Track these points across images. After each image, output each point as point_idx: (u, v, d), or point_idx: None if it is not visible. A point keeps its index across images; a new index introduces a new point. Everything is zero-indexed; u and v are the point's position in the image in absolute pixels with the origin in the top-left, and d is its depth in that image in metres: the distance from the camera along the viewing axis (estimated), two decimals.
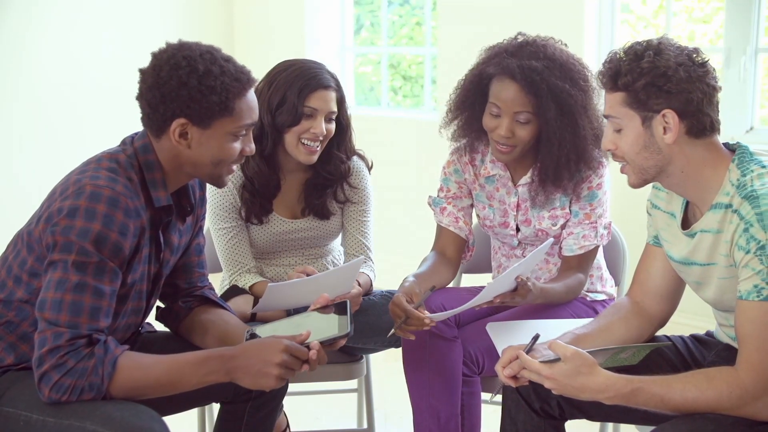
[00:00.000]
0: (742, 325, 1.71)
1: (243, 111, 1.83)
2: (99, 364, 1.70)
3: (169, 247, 1.95)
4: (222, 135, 1.83)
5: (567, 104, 2.24)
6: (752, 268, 1.69)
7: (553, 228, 2.37)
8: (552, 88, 2.22)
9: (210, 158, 1.84)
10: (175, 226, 1.95)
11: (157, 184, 1.84)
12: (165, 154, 1.85)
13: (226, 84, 1.79)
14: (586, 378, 1.70)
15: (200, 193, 2.05)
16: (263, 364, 1.73)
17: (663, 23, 4.14)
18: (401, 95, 5.69)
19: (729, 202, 1.75)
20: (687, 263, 1.88)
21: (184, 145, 1.82)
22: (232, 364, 1.75)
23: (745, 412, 1.68)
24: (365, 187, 2.60)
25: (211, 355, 1.77)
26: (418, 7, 5.40)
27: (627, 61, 1.77)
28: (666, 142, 1.77)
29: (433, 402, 2.25)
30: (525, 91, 2.23)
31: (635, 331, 1.99)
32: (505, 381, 1.80)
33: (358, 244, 2.58)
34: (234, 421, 2.10)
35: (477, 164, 2.45)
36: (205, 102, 1.78)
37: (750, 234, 1.69)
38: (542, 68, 2.23)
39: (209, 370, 1.75)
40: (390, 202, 4.59)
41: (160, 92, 1.79)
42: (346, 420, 3.22)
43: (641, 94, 1.75)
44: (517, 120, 2.25)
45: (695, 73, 1.74)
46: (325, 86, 2.42)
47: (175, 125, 1.81)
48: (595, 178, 2.34)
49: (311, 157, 2.44)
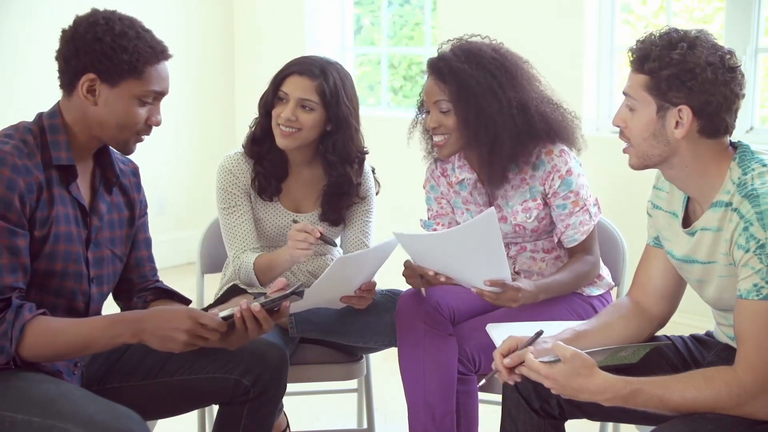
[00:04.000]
0: (741, 324, 1.71)
1: (152, 77, 1.89)
2: (8, 328, 1.76)
3: (97, 214, 1.97)
4: (128, 97, 1.88)
5: (467, 85, 2.29)
6: (752, 267, 1.69)
7: (529, 221, 2.40)
8: (453, 70, 2.31)
9: (115, 120, 1.89)
10: (101, 195, 1.99)
11: (60, 146, 1.89)
12: (73, 115, 1.91)
13: (138, 47, 1.87)
14: (585, 379, 1.70)
15: (134, 180, 2.10)
16: (170, 330, 1.80)
17: (663, 23, 4.13)
18: (401, 95, 5.69)
19: (729, 200, 1.75)
20: (688, 261, 1.88)
21: (92, 101, 1.88)
22: (138, 326, 1.81)
23: (744, 412, 1.68)
24: (368, 187, 2.61)
25: (119, 318, 1.84)
26: (418, 7, 5.40)
27: (659, 48, 1.75)
28: (675, 136, 1.76)
29: (429, 399, 2.25)
30: (437, 79, 2.34)
31: (635, 330, 1.99)
32: (500, 369, 1.80)
33: (359, 243, 2.58)
34: (232, 423, 2.10)
35: (449, 173, 2.51)
36: (116, 59, 1.85)
37: (750, 233, 1.69)
38: (450, 56, 2.34)
39: (117, 332, 1.81)
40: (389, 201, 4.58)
41: (75, 46, 1.86)
42: (346, 420, 3.22)
43: (663, 84, 1.74)
44: (440, 110, 2.34)
45: (722, 77, 1.73)
46: (300, 73, 2.44)
47: (84, 79, 1.86)
48: (563, 166, 2.36)
49: (285, 141, 2.45)
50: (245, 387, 2.06)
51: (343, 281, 2.24)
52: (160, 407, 2.08)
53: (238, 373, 2.05)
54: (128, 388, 2.04)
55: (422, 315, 2.27)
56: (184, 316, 1.81)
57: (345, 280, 2.24)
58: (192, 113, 5.45)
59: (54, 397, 1.75)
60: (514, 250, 2.47)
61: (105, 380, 2.04)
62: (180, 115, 5.35)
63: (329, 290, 2.24)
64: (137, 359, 2.06)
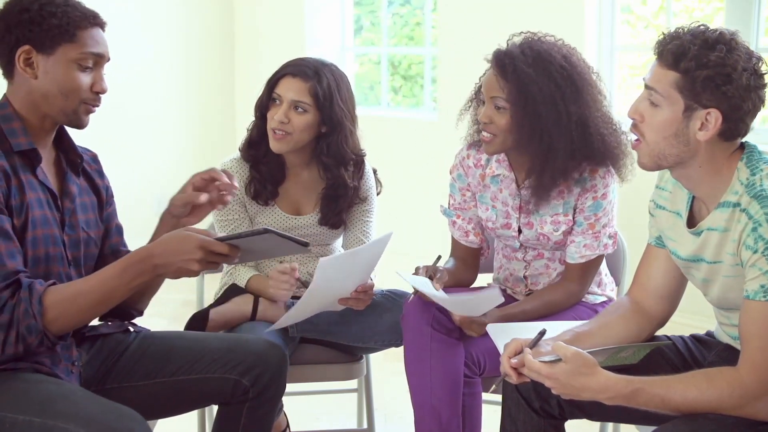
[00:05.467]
0: (746, 324, 1.71)
1: (86, 39, 1.88)
2: (27, 305, 1.75)
3: (68, 196, 1.97)
4: (66, 62, 1.87)
5: (529, 90, 2.22)
6: (759, 267, 1.68)
7: (555, 233, 2.37)
8: (517, 71, 2.22)
9: (57, 87, 1.88)
10: (70, 177, 1.99)
11: (17, 132, 1.88)
12: (20, 98, 1.90)
13: (67, 12, 1.87)
14: (586, 378, 1.70)
15: (95, 166, 2.09)
16: (183, 262, 1.80)
17: (663, 23, 4.13)
18: (401, 95, 5.69)
19: (737, 200, 1.74)
20: (695, 260, 1.87)
21: (31, 74, 1.87)
22: (151, 262, 1.81)
23: (746, 412, 1.68)
24: (369, 187, 2.60)
25: (130, 261, 1.83)
26: (418, 7, 5.40)
27: (697, 47, 1.70)
28: (698, 138, 1.74)
29: (435, 403, 2.24)
30: (499, 75, 2.25)
31: (635, 330, 1.99)
32: (508, 372, 1.79)
33: (359, 243, 2.57)
34: (232, 422, 2.10)
35: (483, 164, 2.45)
36: (45, 24, 1.84)
37: (758, 233, 1.68)
38: (517, 53, 2.25)
39: (132, 276, 1.81)
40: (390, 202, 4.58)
41: (5, 23, 1.86)
42: (346, 420, 3.21)
43: (698, 85, 1.70)
44: (495, 106, 2.27)
45: (754, 83, 1.71)
46: (293, 74, 2.44)
47: (19, 52, 1.85)
48: (601, 188, 2.32)
49: (277, 145, 2.45)
50: (245, 387, 2.05)
51: (336, 284, 2.23)
52: (159, 408, 2.07)
53: (238, 373, 2.05)
54: (127, 389, 2.03)
55: (430, 319, 2.25)
56: (194, 246, 1.79)
57: (338, 283, 2.23)
58: (192, 113, 5.45)
59: (55, 398, 1.74)
60: (531, 255, 2.44)
61: (104, 381, 2.04)
62: (180, 115, 5.35)
63: (323, 296, 2.25)
64: (136, 360, 2.05)
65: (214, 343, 2.10)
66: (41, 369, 1.86)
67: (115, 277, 1.81)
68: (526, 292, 2.47)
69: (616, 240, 2.40)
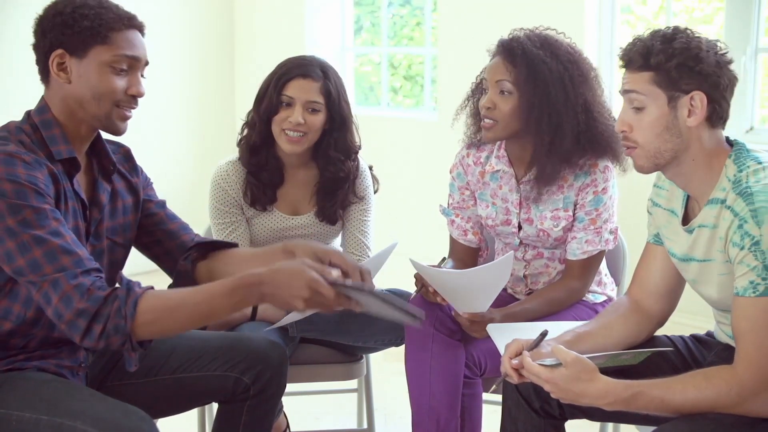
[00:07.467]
0: (738, 321, 1.71)
1: (120, 41, 1.84)
2: (122, 305, 1.70)
3: (97, 206, 1.94)
4: (99, 65, 1.83)
5: (539, 70, 2.25)
6: (747, 264, 1.69)
7: (555, 229, 2.37)
8: (527, 53, 2.26)
9: (90, 91, 1.84)
10: (101, 185, 1.96)
11: (57, 139, 1.85)
12: (57, 104, 1.87)
13: (101, 14, 1.83)
14: (586, 384, 1.70)
15: (128, 165, 2.06)
16: (289, 297, 1.72)
17: (663, 23, 4.13)
18: (401, 95, 5.69)
19: (724, 197, 1.76)
20: (686, 260, 1.88)
21: (65, 79, 1.84)
22: (260, 290, 1.73)
23: (745, 410, 1.68)
24: (366, 185, 2.61)
25: (239, 284, 1.74)
26: (418, 7, 5.40)
27: (659, 42, 1.77)
28: (688, 124, 1.77)
29: (434, 405, 2.24)
30: (507, 60, 2.28)
31: (634, 329, 1.99)
32: (509, 372, 1.80)
33: (358, 243, 2.58)
34: (232, 421, 2.10)
35: (482, 161, 2.46)
36: (77, 27, 1.81)
37: (744, 230, 1.69)
38: (524, 39, 2.29)
39: (239, 299, 1.74)
40: (389, 202, 4.59)
41: (41, 27, 1.84)
42: (346, 420, 3.21)
43: (674, 73, 1.75)
44: (500, 90, 2.28)
45: (722, 60, 1.77)
46: (304, 75, 2.44)
47: (53, 57, 1.83)
48: (601, 182, 2.33)
49: (293, 147, 2.46)
50: (245, 385, 2.06)
51: None
52: (160, 406, 2.07)
53: (238, 371, 2.05)
54: (129, 387, 2.03)
55: (432, 320, 2.25)
56: (304, 284, 1.70)
57: None
58: (192, 113, 5.45)
59: (62, 396, 1.74)
60: (531, 254, 2.45)
61: (106, 379, 2.04)
62: (180, 115, 5.35)
63: None
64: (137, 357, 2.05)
65: (216, 341, 2.10)
66: (48, 368, 1.86)
67: (223, 295, 1.74)
68: (527, 292, 2.47)
69: (617, 235, 2.40)
